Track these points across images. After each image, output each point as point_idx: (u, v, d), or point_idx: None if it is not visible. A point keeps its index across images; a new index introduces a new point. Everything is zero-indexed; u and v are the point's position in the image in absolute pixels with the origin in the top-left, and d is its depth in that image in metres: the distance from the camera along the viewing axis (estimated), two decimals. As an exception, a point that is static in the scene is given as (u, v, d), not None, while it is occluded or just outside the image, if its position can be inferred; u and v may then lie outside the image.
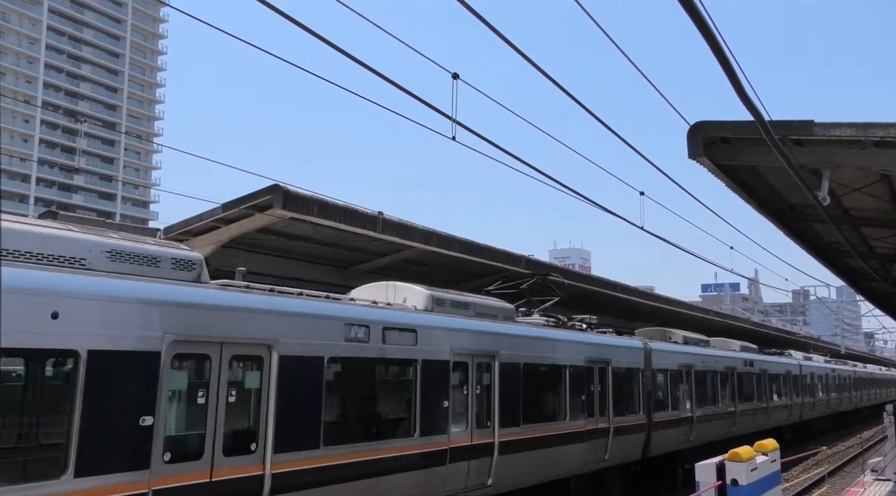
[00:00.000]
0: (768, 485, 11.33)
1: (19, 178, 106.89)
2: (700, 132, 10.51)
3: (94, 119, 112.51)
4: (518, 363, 13.16)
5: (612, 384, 15.94)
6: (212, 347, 8.18)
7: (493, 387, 12.57)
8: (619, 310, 30.10)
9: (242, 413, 8.52)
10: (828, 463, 26.87)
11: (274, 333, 8.87)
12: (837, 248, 18.20)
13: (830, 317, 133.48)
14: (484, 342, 12.48)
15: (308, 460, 9.03)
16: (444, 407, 11.41)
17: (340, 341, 9.82)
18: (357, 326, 10.13)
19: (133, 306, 7.50)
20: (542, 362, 13.84)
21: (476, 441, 11.99)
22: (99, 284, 7.34)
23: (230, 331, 8.37)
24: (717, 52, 6.04)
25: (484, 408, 12.32)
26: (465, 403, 11.95)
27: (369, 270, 19.34)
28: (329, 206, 14.37)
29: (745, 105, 7.23)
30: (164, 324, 7.72)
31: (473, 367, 12.22)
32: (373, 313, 10.62)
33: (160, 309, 7.73)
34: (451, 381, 11.60)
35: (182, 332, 7.86)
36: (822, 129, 9.69)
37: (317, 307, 9.71)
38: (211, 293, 8.46)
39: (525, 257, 21.38)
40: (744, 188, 12.61)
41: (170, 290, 7.98)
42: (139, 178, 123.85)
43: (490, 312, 13.49)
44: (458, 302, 12.88)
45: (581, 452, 14.74)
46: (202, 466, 7.86)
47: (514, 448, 12.79)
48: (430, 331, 11.44)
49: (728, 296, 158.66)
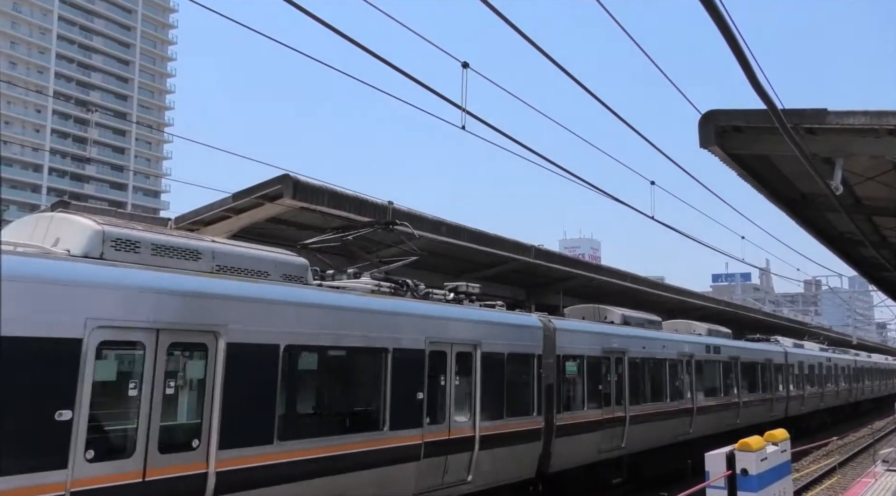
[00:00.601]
0: (779, 475, 11.30)
1: (31, 167, 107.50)
2: (712, 121, 10.45)
3: (106, 109, 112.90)
4: (274, 345, 8.79)
5: (480, 375, 11.93)
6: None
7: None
8: (626, 300, 30.07)
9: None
10: (838, 453, 26.77)
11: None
12: (850, 238, 18.09)
13: (843, 307, 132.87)
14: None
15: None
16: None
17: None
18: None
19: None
20: (343, 344, 9.77)
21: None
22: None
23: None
24: (729, 39, 5.99)
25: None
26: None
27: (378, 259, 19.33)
28: (339, 196, 14.38)
29: (758, 93, 7.16)
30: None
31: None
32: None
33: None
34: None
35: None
36: (836, 117, 9.61)
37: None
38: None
39: (535, 247, 21.36)
40: (755, 177, 12.53)
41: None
42: (150, 168, 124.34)
43: (251, 267, 9.36)
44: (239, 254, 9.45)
45: (413, 475, 10.59)
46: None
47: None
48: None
49: (739, 286, 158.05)
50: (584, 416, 15.04)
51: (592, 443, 15.27)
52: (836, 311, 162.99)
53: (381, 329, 10.28)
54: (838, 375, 39.24)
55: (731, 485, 10.33)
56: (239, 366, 8.28)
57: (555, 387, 14.05)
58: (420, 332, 10.92)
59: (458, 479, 11.40)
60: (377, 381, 10.23)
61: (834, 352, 40.35)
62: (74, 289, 6.95)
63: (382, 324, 10.32)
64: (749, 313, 42.59)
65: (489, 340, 12.26)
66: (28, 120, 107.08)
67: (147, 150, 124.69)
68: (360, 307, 10.05)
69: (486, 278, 23.17)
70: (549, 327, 14.34)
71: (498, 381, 12.40)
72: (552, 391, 13.97)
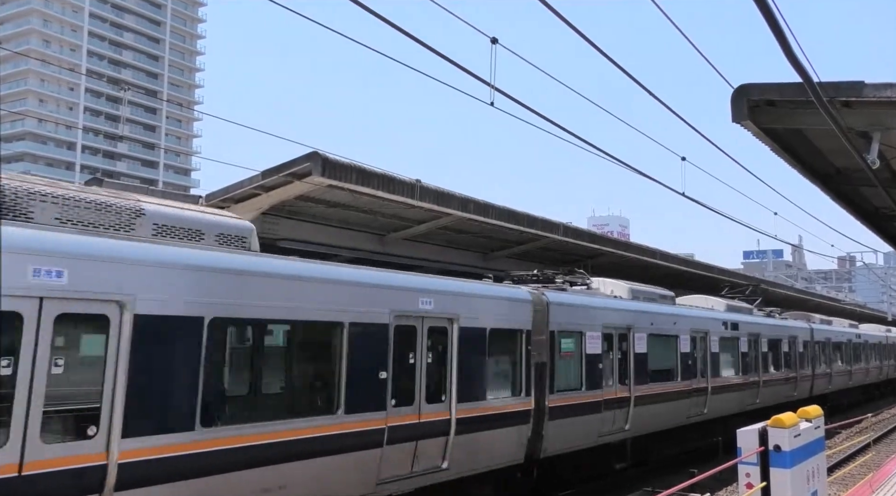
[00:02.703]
0: (812, 451, 11.21)
1: (66, 145, 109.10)
2: (745, 95, 10.27)
3: (137, 87, 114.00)
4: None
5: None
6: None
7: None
8: (655, 277, 29.89)
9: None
10: (873, 430, 26.55)
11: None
12: (886, 213, 17.77)
13: (877, 284, 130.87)
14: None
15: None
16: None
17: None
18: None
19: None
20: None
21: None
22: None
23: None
24: (764, 9, 5.86)
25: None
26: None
27: (407, 237, 19.42)
28: (367, 173, 14.41)
29: (793, 65, 7.01)
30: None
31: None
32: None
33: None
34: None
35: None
36: (873, 89, 9.39)
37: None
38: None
39: (563, 224, 21.27)
40: (789, 152, 12.33)
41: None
42: (180, 146, 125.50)
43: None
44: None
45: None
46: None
47: None
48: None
49: (771, 263, 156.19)
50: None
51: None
52: (870, 288, 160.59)
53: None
54: (869, 352, 38.26)
55: (764, 462, 10.28)
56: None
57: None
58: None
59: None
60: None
61: (865, 329, 39.38)
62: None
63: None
64: (780, 290, 42.06)
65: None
66: (62, 98, 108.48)
67: (178, 128, 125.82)
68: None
69: (515, 255, 23.15)
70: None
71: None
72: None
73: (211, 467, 7.60)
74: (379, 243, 19.30)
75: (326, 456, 8.83)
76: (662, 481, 15.42)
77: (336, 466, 8.97)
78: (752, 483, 9.81)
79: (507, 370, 12.20)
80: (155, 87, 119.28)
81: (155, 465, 7.15)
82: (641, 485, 15.79)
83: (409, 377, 10.21)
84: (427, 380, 10.47)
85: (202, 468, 7.52)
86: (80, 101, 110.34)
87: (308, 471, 8.62)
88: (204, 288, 7.76)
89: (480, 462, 11.40)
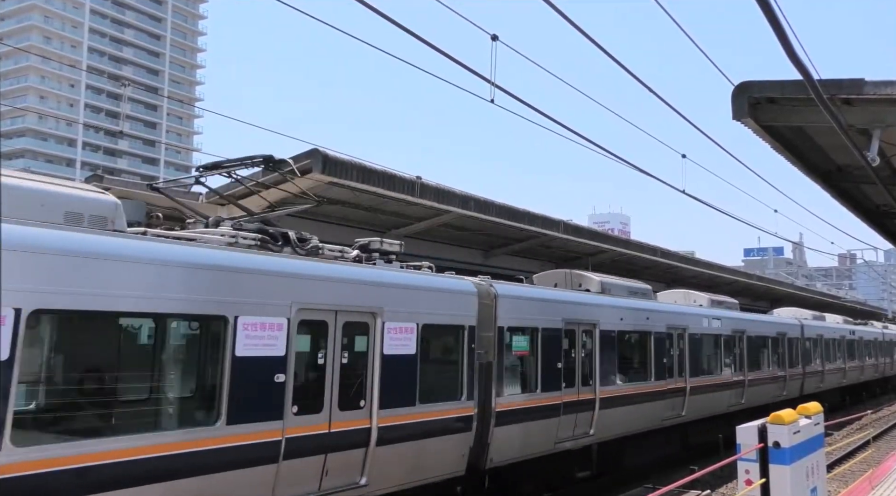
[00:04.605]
0: (811, 447, 11.23)
1: (66, 142, 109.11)
2: (745, 92, 10.28)
3: (138, 83, 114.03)
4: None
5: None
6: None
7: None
8: (655, 275, 29.91)
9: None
10: (872, 427, 26.56)
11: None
12: (886, 210, 17.79)
13: (878, 281, 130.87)
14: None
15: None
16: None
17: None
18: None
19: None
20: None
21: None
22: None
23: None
24: (764, 7, 5.87)
25: None
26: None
27: (408, 235, 19.45)
28: (367, 171, 14.43)
29: (793, 63, 7.02)
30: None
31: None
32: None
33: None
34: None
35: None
36: (874, 87, 9.41)
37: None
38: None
39: (563, 222, 21.30)
40: (789, 149, 12.35)
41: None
42: (181, 143, 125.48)
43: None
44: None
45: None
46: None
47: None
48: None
49: (771, 260, 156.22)
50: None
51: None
52: (870, 285, 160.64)
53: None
54: (864, 349, 37.15)
55: (763, 458, 10.31)
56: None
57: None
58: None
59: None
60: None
61: (859, 326, 38.18)
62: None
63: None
64: (780, 287, 42.15)
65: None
66: (63, 94, 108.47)
67: (178, 125, 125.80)
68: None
69: (515, 252, 23.18)
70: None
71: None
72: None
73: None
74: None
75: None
76: (662, 478, 15.45)
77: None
78: (751, 479, 9.83)
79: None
80: (156, 84, 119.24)
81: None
82: (642, 481, 15.81)
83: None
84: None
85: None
86: (81, 98, 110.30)
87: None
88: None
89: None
